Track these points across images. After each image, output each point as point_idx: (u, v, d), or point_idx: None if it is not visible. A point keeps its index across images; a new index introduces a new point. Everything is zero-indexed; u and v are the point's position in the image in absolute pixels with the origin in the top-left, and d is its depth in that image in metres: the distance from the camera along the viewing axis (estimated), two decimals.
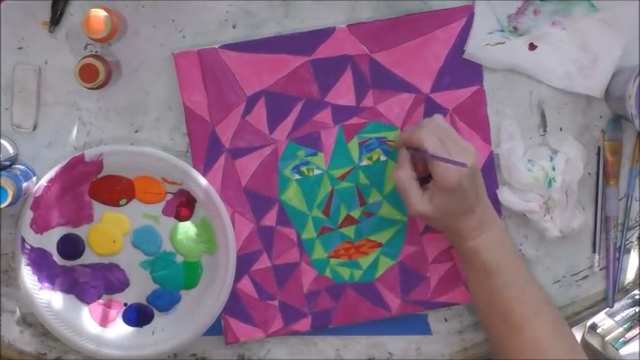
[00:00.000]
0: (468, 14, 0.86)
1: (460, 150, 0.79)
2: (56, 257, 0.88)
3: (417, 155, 0.81)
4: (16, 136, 0.87)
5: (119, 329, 0.89)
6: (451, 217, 0.80)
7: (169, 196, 0.87)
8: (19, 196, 0.80)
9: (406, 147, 0.82)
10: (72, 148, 0.87)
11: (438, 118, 0.83)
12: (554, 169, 0.86)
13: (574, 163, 0.87)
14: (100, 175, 0.86)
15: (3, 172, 0.80)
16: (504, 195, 0.87)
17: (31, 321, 0.90)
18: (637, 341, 1.29)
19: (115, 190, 0.87)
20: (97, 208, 0.87)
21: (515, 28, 0.86)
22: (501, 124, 0.87)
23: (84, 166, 0.85)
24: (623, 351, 1.29)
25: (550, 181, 0.86)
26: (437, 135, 0.80)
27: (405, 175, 0.80)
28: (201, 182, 0.85)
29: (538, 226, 0.88)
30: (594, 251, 0.90)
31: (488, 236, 0.81)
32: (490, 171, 0.88)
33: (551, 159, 0.87)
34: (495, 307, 0.82)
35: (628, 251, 0.91)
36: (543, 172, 0.86)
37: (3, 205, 0.79)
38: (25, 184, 0.82)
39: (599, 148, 0.89)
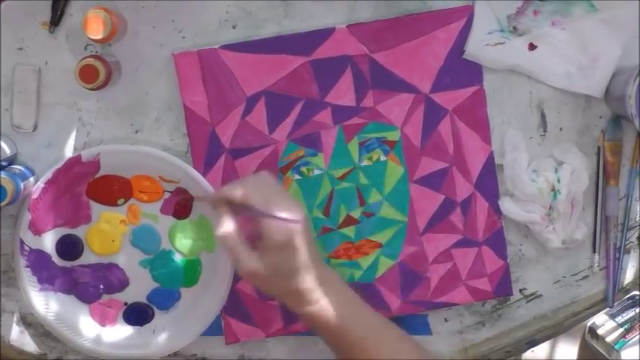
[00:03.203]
0: (467, 14, 0.86)
1: (287, 207, 0.74)
2: (55, 258, 0.88)
3: (243, 214, 0.76)
4: (16, 136, 0.87)
5: (120, 329, 0.89)
6: (285, 277, 0.75)
7: (167, 195, 0.87)
8: (18, 195, 0.80)
9: (227, 205, 0.76)
10: (72, 149, 0.87)
11: (263, 174, 0.79)
12: (559, 180, 0.86)
13: (579, 175, 0.87)
14: (97, 175, 0.86)
15: (2, 172, 0.80)
16: (506, 205, 0.87)
17: (31, 321, 0.90)
18: (637, 342, 1.30)
19: (113, 190, 0.87)
20: (95, 208, 0.87)
21: (515, 28, 0.86)
22: (505, 135, 0.87)
23: (81, 167, 0.85)
24: (624, 351, 1.29)
25: (555, 193, 0.86)
26: (261, 192, 0.75)
27: (230, 231, 0.74)
28: (198, 180, 0.85)
29: (540, 237, 0.88)
30: (594, 251, 0.90)
31: (332, 296, 0.76)
32: (490, 171, 0.88)
33: (556, 170, 0.87)
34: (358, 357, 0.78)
35: (628, 251, 0.91)
36: (547, 183, 0.86)
37: (3, 204, 0.79)
38: (23, 184, 0.82)
39: (599, 148, 0.89)
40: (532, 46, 0.86)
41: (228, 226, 0.75)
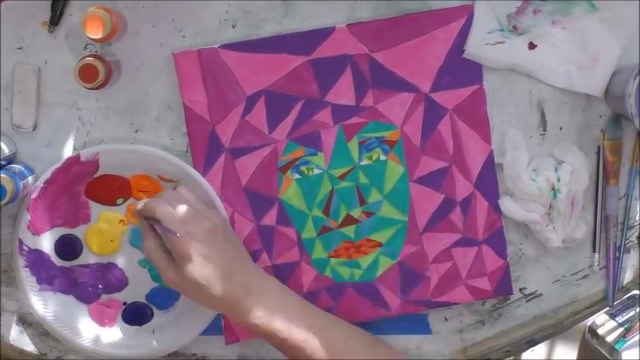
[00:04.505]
0: (467, 14, 0.86)
1: (196, 218, 0.77)
2: (54, 258, 0.88)
3: (156, 226, 0.79)
4: (16, 136, 0.86)
5: (119, 329, 0.88)
6: (205, 287, 0.76)
7: None
8: (17, 194, 0.80)
9: (144, 217, 0.80)
10: (72, 148, 0.87)
11: (181, 189, 0.82)
12: (559, 180, 0.86)
13: (579, 174, 0.87)
14: (96, 175, 0.86)
15: (1, 171, 0.80)
16: (506, 205, 0.87)
17: (31, 321, 0.90)
18: (637, 341, 1.30)
19: (112, 190, 0.87)
20: (94, 207, 0.87)
21: (514, 27, 0.86)
22: (506, 134, 0.87)
23: (80, 166, 0.85)
24: (624, 351, 1.29)
25: (555, 192, 0.86)
26: (173, 205, 0.78)
27: (150, 244, 0.79)
28: (197, 179, 0.85)
29: (540, 237, 0.88)
30: (594, 250, 0.90)
31: (265, 304, 0.77)
32: (490, 170, 0.88)
33: (556, 170, 0.87)
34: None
35: (628, 250, 0.91)
36: (548, 182, 0.86)
37: (2, 203, 0.79)
38: (22, 183, 0.82)
39: (599, 148, 0.89)
40: (532, 46, 0.86)
41: (147, 240, 0.79)
